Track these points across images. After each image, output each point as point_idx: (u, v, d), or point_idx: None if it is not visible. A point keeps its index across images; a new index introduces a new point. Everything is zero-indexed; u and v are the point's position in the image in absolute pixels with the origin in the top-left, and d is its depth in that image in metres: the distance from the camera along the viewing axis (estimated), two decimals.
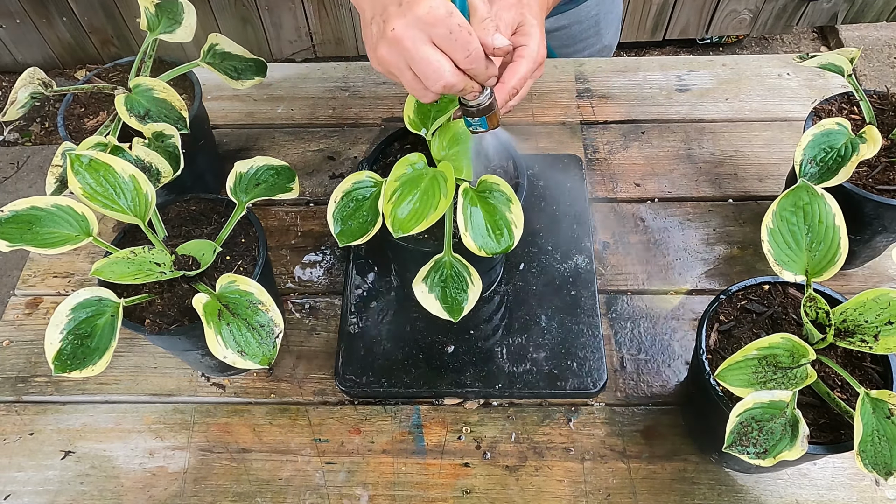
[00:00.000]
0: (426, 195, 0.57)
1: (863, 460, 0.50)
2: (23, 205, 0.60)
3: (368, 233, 0.59)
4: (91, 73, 0.82)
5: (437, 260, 0.61)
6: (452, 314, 0.61)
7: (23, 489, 0.70)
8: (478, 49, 0.52)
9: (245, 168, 0.70)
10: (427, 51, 0.52)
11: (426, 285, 0.61)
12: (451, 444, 0.71)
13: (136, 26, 2.27)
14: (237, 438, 0.72)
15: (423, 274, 0.61)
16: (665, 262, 0.83)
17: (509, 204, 0.59)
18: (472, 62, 0.53)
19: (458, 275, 0.61)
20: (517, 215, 0.59)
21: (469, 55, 0.52)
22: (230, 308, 0.59)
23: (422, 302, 0.61)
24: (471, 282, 0.61)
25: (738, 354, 0.54)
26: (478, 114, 0.58)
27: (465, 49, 0.52)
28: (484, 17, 0.53)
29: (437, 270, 0.61)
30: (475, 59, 0.52)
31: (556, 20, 1.05)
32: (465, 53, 0.52)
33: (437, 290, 0.61)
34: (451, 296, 0.61)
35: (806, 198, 0.58)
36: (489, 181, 0.60)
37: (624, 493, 0.67)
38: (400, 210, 0.57)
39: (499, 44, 0.53)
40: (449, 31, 0.51)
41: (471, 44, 0.52)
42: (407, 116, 0.63)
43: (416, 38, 0.52)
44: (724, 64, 1.02)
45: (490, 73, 0.55)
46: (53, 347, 0.57)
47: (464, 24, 0.51)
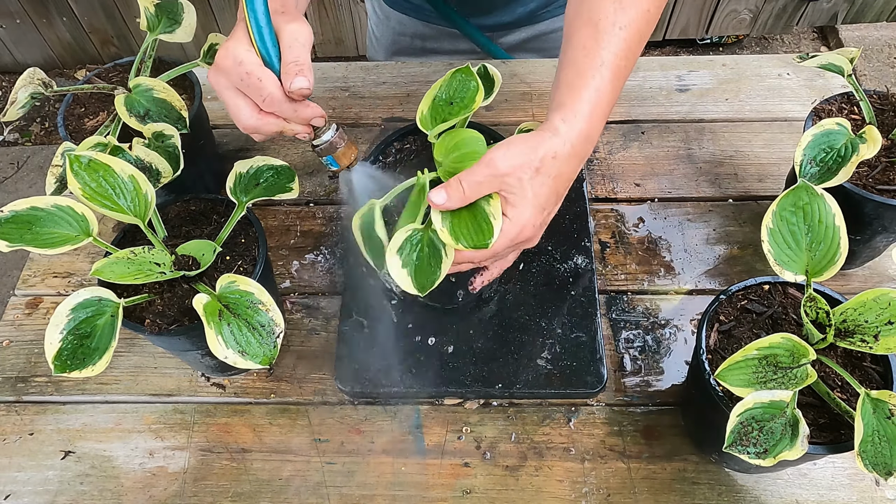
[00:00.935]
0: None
1: (863, 460, 0.50)
2: (23, 205, 0.60)
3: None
4: (91, 73, 0.82)
5: (415, 231, 0.57)
6: (423, 289, 0.56)
7: (23, 489, 0.70)
8: (272, 94, 0.54)
9: (245, 168, 0.70)
10: (229, 95, 0.56)
11: (400, 258, 0.57)
12: (451, 444, 0.71)
13: (136, 26, 2.27)
14: (237, 438, 0.72)
15: (398, 245, 0.57)
16: (665, 262, 0.83)
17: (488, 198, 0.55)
18: (269, 105, 0.55)
19: (433, 247, 0.57)
20: (495, 208, 0.55)
21: (264, 99, 0.54)
22: (230, 308, 0.59)
23: (393, 276, 0.57)
24: (445, 254, 0.56)
25: (738, 354, 0.54)
26: (321, 153, 0.60)
27: (259, 95, 0.54)
28: (287, 62, 0.54)
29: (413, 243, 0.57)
30: (272, 102, 0.54)
31: (552, 23, 1.05)
32: (259, 98, 0.54)
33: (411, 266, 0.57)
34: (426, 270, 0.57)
35: (806, 198, 0.58)
36: None
37: (624, 493, 0.67)
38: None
39: (294, 87, 0.54)
40: (240, 79, 0.54)
41: (263, 89, 0.54)
42: (420, 112, 0.63)
43: (219, 84, 0.56)
44: (724, 64, 1.02)
45: (304, 114, 0.56)
46: (53, 347, 0.57)
47: (253, 71, 0.53)
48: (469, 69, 0.63)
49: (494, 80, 0.65)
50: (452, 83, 0.63)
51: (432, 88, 0.63)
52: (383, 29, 1.12)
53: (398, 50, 1.11)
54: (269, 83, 0.54)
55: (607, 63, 0.58)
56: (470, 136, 0.58)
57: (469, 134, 0.58)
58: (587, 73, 0.58)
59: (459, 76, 0.63)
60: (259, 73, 0.54)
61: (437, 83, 0.63)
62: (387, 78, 1.03)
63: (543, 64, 1.03)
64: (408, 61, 1.05)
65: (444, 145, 0.59)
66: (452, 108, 0.62)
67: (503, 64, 1.03)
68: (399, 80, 1.02)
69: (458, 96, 0.62)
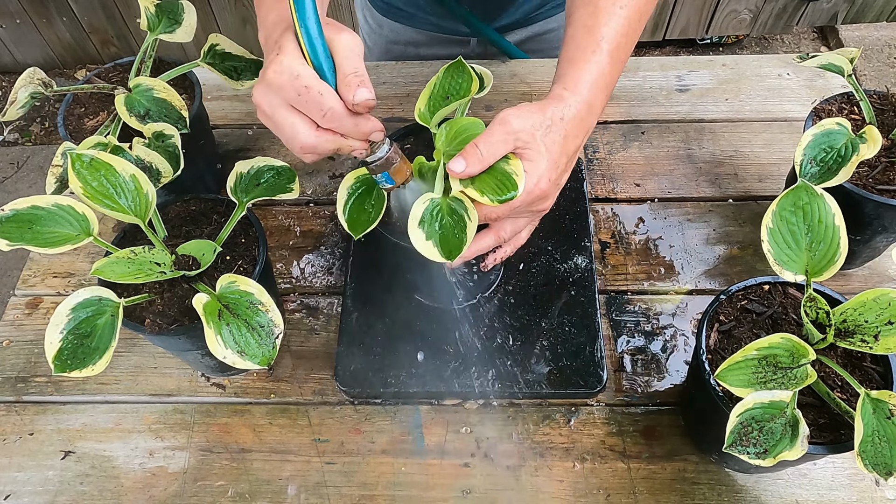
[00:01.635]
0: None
1: (863, 460, 0.50)
2: (24, 204, 0.60)
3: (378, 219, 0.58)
4: (91, 73, 0.82)
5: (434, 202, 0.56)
6: (451, 256, 0.55)
7: (23, 489, 0.70)
8: (333, 108, 0.50)
9: (245, 168, 0.70)
10: (282, 114, 0.52)
11: (423, 231, 0.56)
12: (451, 444, 0.71)
13: (136, 26, 2.27)
14: (237, 438, 0.72)
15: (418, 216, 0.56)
16: (665, 263, 0.83)
17: (507, 159, 0.55)
18: (330, 121, 0.51)
19: (456, 213, 0.56)
20: (516, 166, 0.55)
21: (324, 114, 0.51)
22: (230, 308, 0.59)
23: (419, 248, 0.56)
24: (469, 217, 0.56)
25: (738, 354, 0.54)
26: (377, 170, 0.57)
27: (319, 109, 0.51)
28: (347, 74, 0.51)
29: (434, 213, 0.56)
30: (333, 117, 0.51)
31: (546, 24, 1.05)
32: (319, 114, 0.51)
33: (436, 236, 0.56)
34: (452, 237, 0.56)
35: (806, 198, 0.58)
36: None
37: (624, 493, 0.67)
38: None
39: (358, 99, 0.50)
40: (297, 94, 0.50)
41: (323, 104, 0.50)
42: (418, 109, 0.62)
43: (271, 103, 0.52)
44: (724, 64, 1.02)
45: (364, 129, 0.53)
46: (53, 347, 0.57)
47: (313, 84, 0.50)
48: (461, 62, 0.63)
49: (484, 77, 0.66)
50: (447, 78, 0.64)
51: (428, 86, 0.63)
52: (375, 38, 1.12)
53: (392, 58, 1.11)
54: (329, 97, 0.50)
55: (608, 38, 0.60)
56: (470, 122, 0.58)
57: (469, 120, 0.58)
58: (588, 49, 0.60)
59: (453, 70, 0.64)
60: (319, 87, 0.50)
61: (432, 80, 0.64)
62: (386, 78, 1.03)
63: (543, 64, 1.03)
64: (408, 62, 1.05)
65: (446, 134, 0.58)
66: (448, 102, 0.63)
67: (504, 64, 1.03)
68: (399, 80, 1.02)
69: (453, 90, 0.63)
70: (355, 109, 0.51)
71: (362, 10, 1.12)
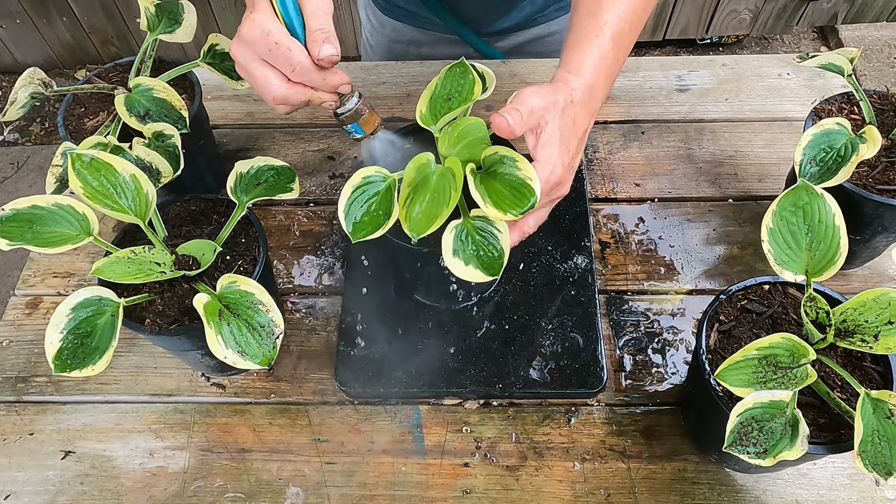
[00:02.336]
0: (436, 195, 0.55)
1: (863, 460, 0.50)
2: (24, 203, 0.60)
3: (384, 226, 0.57)
4: (91, 73, 0.82)
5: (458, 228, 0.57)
6: (494, 272, 0.56)
7: (23, 489, 0.70)
8: (301, 62, 0.55)
9: (245, 168, 0.70)
10: (255, 67, 0.56)
11: (461, 259, 0.56)
12: (451, 444, 0.71)
13: (136, 26, 2.27)
14: (237, 438, 0.72)
15: (451, 248, 0.56)
16: (665, 262, 0.83)
17: (515, 163, 0.55)
18: (299, 75, 0.55)
19: (484, 231, 0.57)
20: (529, 171, 0.55)
21: (293, 69, 0.55)
22: (230, 308, 0.59)
23: (460, 275, 0.56)
24: (498, 230, 0.56)
25: (738, 354, 0.54)
26: (347, 121, 0.61)
27: (288, 64, 0.55)
28: (314, 29, 0.55)
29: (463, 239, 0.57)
30: (301, 71, 0.55)
31: (548, 26, 1.05)
32: (289, 67, 0.55)
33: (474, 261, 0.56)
34: (488, 256, 0.56)
35: (806, 198, 0.58)
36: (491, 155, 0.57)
37: (624, 493, 0.67)
38: (413, 213, 0.56)
39: (323, 54, 0.54)
40: (268, 49, 0.54)
41: (292, 59, 0.54)
42: (419, 111, 0.62)
43: (245, 57, 0.56)
44: (724, 64, 1.02)
45: (332, 81, 0.57)
46: (53, 347, 0.57)
47: (282, 41, 0.54)
48: (464, 63, 0.63)
49: (486, 77, 0.65)
50: (448, 79, 0.63)
51: (429, 87, 0.63)
52: (378, 37, 1.12)
53: (394, 57, 1.11)
54: (298, 52, 0.54)
55: (610, 23, 0.61)
56: (474, 124, 0.58)
57: (472, 121, 0.58)
58: (591, 34, 0.61)
59: (455, 71, 0.63)
60: (288, 43, 0.54)
61: (434, 81, 0.63)
62: (387, 78, 1.03)
63: (543, 64, 1.03)
64: (407, 62, 1.05)
65: (449, 137, 0.59)
66: (451, 104, 0.62)
67: (504, 64, 1.03)
68: (399, 80, 1.02)
69: (455, 91, 0.62)
70: (320, 64, 0.55)
71: (365, 8, 1.12)
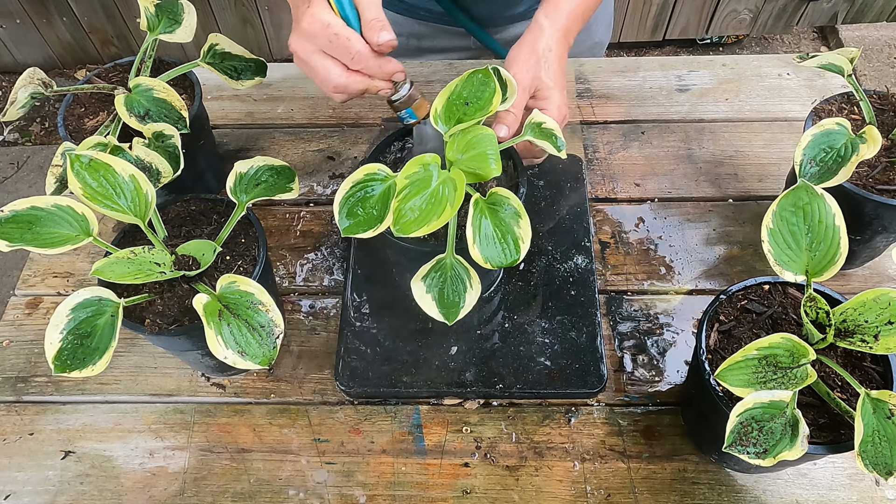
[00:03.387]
0: (433, 200, 0.57)
1: (863, 460, 0.50)
2: (23, 205, 0.60)
3: (376, 227, 0.57)
4: (91, 73, 0.82)
5: (439, 260, 0.61)
6: (448, 317, 0.61)
7: (23, 489, 0.70)
8: (360, 50, 0.58)
9: (245, 168, 0.70)
10: (316, 59, 0.59)
11: (424, 284, 0.61)
12: (451, 444, 0.71)
13: (136, 26, 2.27)
14: (237, 438, 0.72)
15: (423, 273, 0.60)
16: (665, 262, 0.83)
17: (518, 219, 0.59)
18: (358, 62, 0.59)
19: (457, 277, 0.61)
20: (525, 231, 0.59)
21: (353, 57, 0.58)
22: (230, 308, 0.59)
23: (418, 301, 0.60)
24: (470, 285, 0.61)
25: (738, 354, 0.54)
26: (401, 106, 0.65)
27: (348, 52, 0.58)
28: (370, 19, 0.58)
29: (437, 271, 0.61)
30: (360, 58, 0.59)
31: None
32: (348, 56, 0.59)
33: (434, 291, 0.61)
34: (448, 297, 0.61)
35: (806, 198, 0.58)
36: (500, 194, 0.60)
37: (624, 493, 0.67)
38: (405, 210, 0.57)
39: (382, 40, 0.58)
40: (328, 41, 0.58)
41: (351, 48, 0.58)
42: (434, 109, 0.62)
43: (306, 50, 0.59)
44: (724, 64, 1.02)
45: (387, 69, 0.61)
46: (53, 347, 0.57)
47: (341, 32, 0.57)
48: (488, 71, 0.62)
49: (508, 85, 0.64)
50: (470, 83, 0.62)
51: (448, 87, 0.63)
52: None
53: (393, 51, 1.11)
54: (356, 41, 0.58)
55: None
56: (482, 134, 0.59)
57: (481, 131, 0.60)
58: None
59: (478, 77, 0.62)
60: (346, 33, 0.58)
61: (454, 82, 0.62)
62: None
63: None
64: (406, 61, 1.05)
65: (457, 144, 0.60)
66: (468, 109, 0.62)
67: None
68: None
69: (473, 97, 0.61)
70: (379, 50, 0.59)
71: None
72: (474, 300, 0.61)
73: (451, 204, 0.56)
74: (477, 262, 0.58)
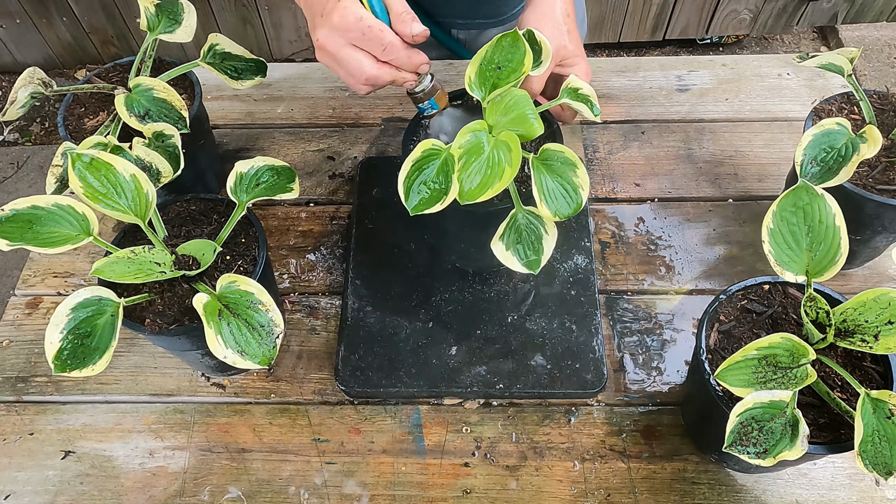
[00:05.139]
0: (491, 164, 0.59)
1: (863, 460, 0.50)
2: (24, 204, 0.60)
3: (443, 200, 0.59)
4: (91, 73, 0.82)
5: (511, 217, 0.63)
6: (531, 266, 0.63)
7: (23, 489, 0.70)
8: (392, 42, 0.60)
9: (245, 168, 0.70)
10: (347, 52, 0.60)
11: (503, 243, 0.63)
12: (451, 444, 0.71)
13: (136, 26, 2.27)
14: (237, 438, 0.72)
15: (500, 233, 0.62)
16: (665, 262, 0.83)
17: (574, 168, 0.61)
18: (389, 54, 0.61)
19: (531, 228, 0.63)
20: (583, 178, 0.61)
21: (384, 48, 0.60)
22: (230, 308, 0.59)
23: (501, 259, 0.62)
24: (545, 231, 0.63)
25: (738, 354, 0.54)
26: (424, 98, 0.67)
27: (380, 44, 0.60)
28: (400, 12, 0.60)
29: (511, 227, 0.63)
30: (391, 50, 0.60)
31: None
32: (380, 48, 0.60)
33: (514, 247, 0.63)
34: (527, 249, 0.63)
35: (806, 198, 0.58)
36: (551, 149, 0.62)
37: (624, 493, 0.67)
38: (466, 179, 0.59)
39: (415, 31, 0.60)
40: (361, 34, 0.59)
41: (383, 39, 0.59)
42: (468, 76, 0.64)
43: (336, 44, 0.60)
44: (724, 64, 1.02)
45: (415, 60, 0.62)
46: (53, 347, 0.57)
47: (374, 24, 0.59)
48: (516, 34, 0.62)
49: (542, 48, 0.65)
50: (499, 48, 0.63)
51: (478, 54, 0.64)
52: None
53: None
54: (388, 33, 0.60)
55: None
56: (518, 96, 0.61)
57: (519, 95, 0.61)
58: None
59: (507, 40, 0.63)
60: (378, 26, 0.59)
61: (484, 48, 0.63)
62: None
63: None
64: None
65: (497, 107, 0.62)
66: (500, 73, 0.63)
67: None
68: None
69: (505, 61, 0.63)
70: (414, 41, 0.61)
71: None
72: (552, 246, 0.63)
73: (510, 164, 0.58)
74: (545, 216, 0.61)
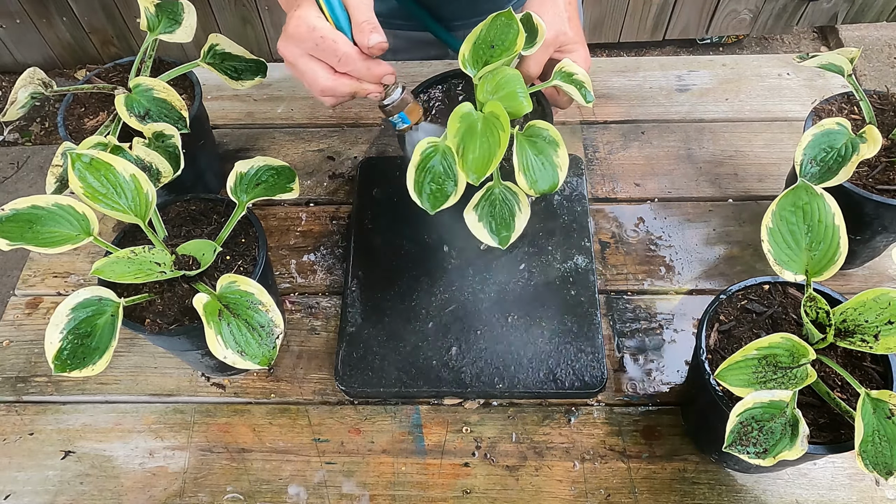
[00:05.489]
0: (485, 138, 0.59)
1: (863, 460, 0.50)
2: (24, 203, 0.60)
3: (455, 192, 0.60)
4: (91, 73, 0.82)
5: (488, 188, 0.63)
6: (501, 241, 0.63)
7: (23, 489, 0.70)
8: (347, 53, 0.57)
9: (245, 168, 0.70)
10: (303, 62, 0.59)
11: (476, 213, 0.63)
12: (451, 444, 0.71)
13: (136, 26, 2.27)
14: (237, 438, 0.72)
15: (474, 202, 0.63)
16: (665, 262, 0.83)
17: (556, 147, 0.62)
18: (345, 65, 0.58)
19: (505, 202, 0.63)
20: (563, 158, 0.62)
21: (339, 59, 0.58)
22: (230, 308, 0.59)
23: (472, 229, 0.63)
24: (519, 209, 0.64)
25: (738, 354, 0.54)
26: (393, 111, 0.63)
27: (334, 55, 0.57)
28: (360, 21, 0.57)
29: (486, 199, 0.63)
30: (347, 61, 0.58)
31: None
32: (335, 58, 0.58)
33: (486, 219, 0.63)
34: (499, 223, 0.64)
35: (805, 197, 0.58)
36: (537, 125, 0.62)
37: (624, 493, 0.67)
38: (469, 162, 0.59)
39: (371, 42, 0.57)
40: (315, 45, 0.57)
41: (338, 49, 0.57)
42: (462, 54, 0.64)
43: (293, 53, 0.59)
44: (724, 64, 1.02)
45: (376, 71, 0.59)
46: (53, 347, 0.57)
47: (327, 34, 0.57)
48: (511, 13, 0.63)
49: (538, 29, 0.66)
50: (494, 26, 0.64)
51: (473, 32, 0.64)
52: None
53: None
54: (343, 43, 0.57)
55: None
56: (509, 75, 0.61)
57: (510, 73, 0.61)
58: None
59: (501, 20, 0.63)
60: (333, 36, 0.57)
61: (479, 27, 0.64)
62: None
63: None
64: (406, 61, 1.05)
65: (488, 84, 0.62)
66: (493, 51, 0.63)
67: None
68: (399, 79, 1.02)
69: (498, 39, 0.63)
70: (370, 53, 0.58)
71: None
72: (524, 223, 0.64)
73: (503, 129, 0.58)
74: (522, 188, 0.61)
